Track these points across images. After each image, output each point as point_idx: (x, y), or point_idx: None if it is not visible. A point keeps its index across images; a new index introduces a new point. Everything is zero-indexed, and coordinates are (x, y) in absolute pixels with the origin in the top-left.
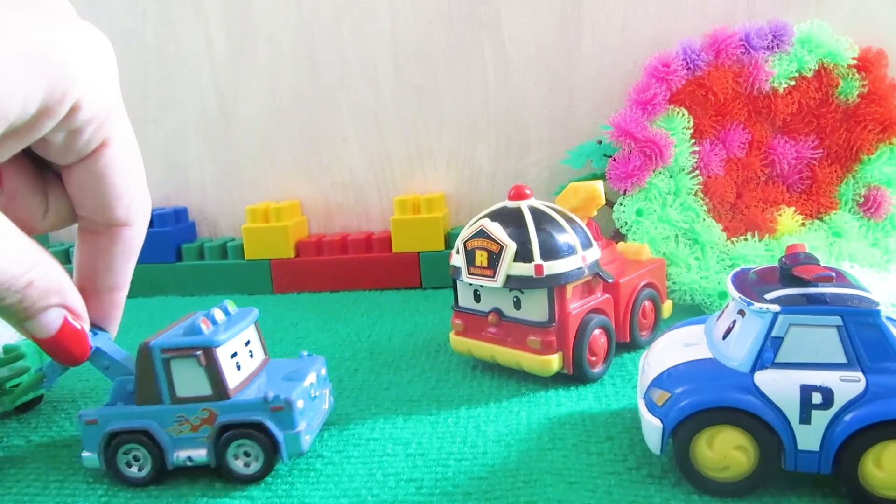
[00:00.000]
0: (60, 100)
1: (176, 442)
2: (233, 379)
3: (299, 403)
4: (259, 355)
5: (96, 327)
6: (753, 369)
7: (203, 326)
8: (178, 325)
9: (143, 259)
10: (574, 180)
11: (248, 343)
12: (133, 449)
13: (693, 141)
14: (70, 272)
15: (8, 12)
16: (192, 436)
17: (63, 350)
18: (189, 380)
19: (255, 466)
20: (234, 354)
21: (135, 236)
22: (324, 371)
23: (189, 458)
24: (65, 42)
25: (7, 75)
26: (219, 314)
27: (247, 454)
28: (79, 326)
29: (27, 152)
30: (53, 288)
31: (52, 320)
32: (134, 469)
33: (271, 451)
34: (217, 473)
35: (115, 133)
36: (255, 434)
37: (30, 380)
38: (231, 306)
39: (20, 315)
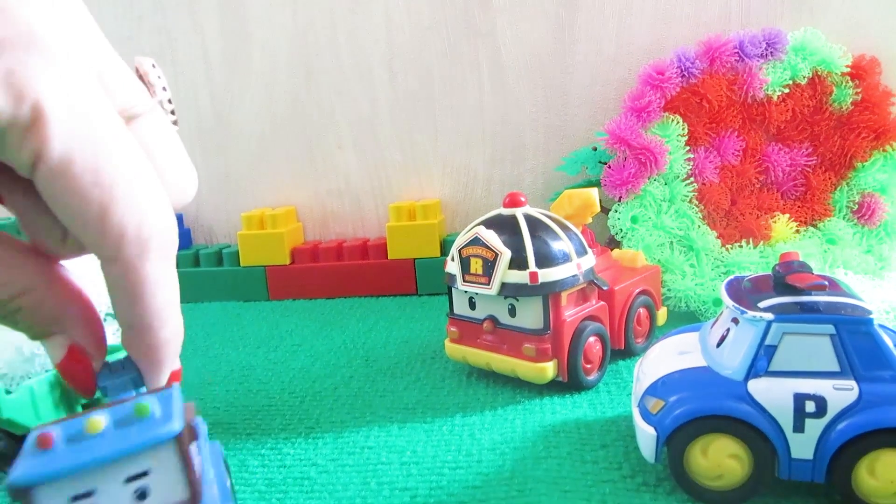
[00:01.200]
0: None
1: None
2: None
3: None
4: (172, 495)
5: (132, 368)
6: (747, 377)
7: (30, 448)
8: (110, 407)
9: None
10: (569, 187)
11: (134, 477)
12: None
13: (688, 148)
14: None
15: None
16: None
17: (67, 379)
18: None
19: None
20: (81, 497)
21: (125, 274)
22: None
23: None
24: None
25: None
26: (95, 424)
27: None
28: (87, 360)
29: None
30: (51, 316)
31: (53, 348)
32: None
33: None
34: None
35: (54, 144)
36: None
37: None
38: (147, 405)
39: (27, 336)
